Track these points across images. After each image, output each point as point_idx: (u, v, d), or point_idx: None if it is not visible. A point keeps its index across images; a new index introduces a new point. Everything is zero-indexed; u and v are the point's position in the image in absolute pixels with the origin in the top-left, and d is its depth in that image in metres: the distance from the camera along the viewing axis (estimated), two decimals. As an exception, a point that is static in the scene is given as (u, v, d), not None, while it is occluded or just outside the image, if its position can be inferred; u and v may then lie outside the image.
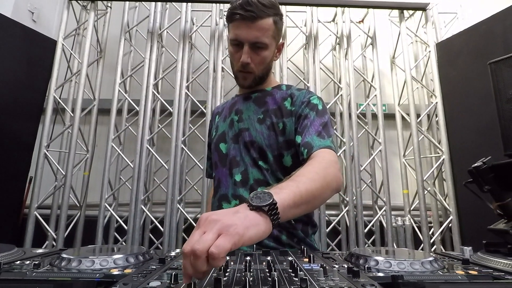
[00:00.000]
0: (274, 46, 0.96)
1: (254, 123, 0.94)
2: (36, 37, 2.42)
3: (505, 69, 1.62)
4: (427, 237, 2.32)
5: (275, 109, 0.95)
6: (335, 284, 0.47)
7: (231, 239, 0.45)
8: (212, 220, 0.48)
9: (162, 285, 0.47)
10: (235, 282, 0.49)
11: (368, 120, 2.87)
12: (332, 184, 0.74)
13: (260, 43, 0.90)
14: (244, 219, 0.50)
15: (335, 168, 0.78)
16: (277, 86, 1.03)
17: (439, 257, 0.75)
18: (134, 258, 0.63)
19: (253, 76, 0.95)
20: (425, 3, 2.65)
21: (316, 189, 0.68)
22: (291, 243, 0.89)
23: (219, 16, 2.74)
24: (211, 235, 0.45)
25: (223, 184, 0.95)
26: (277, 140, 0.91)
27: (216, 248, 0.43)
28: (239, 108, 1.00)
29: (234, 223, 0.48)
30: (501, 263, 0.63)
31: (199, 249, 0.43)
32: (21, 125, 2.28)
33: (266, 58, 0.93)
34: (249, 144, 0.93)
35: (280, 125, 0.92)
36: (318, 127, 0.88)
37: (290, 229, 0.90)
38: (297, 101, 0.95)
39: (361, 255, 0.65)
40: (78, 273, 0.54)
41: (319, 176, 0.71)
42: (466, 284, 0.46)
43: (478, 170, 0.75)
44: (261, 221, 0.52)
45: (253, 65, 0.93)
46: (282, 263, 0.64)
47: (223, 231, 0.46)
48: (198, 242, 0.44)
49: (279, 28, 0.95)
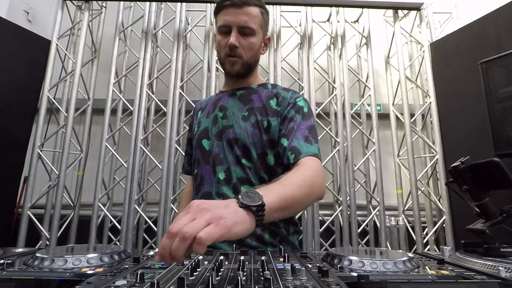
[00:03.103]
0: (261, 36, 0.97)
1: (239, 120, 0.93)
2: (30, 37, 2.42)
3: (496, 69, 1.63)
4: (420, 237, 2.32)
5: (260, 107, 0.95)
6: (301, 284, 0.47)
7: (220, 230, 0.47)
8: (204, 208, 0.49)
9: (128, 284, 0.47)
10: (202, 281, 0.49)
11: (363, 120, 2.86)
12: (315, 193, 0.78)
13: (248, 27, 0.91)
14: (233, 214, 0.52)
15: (320, 177, 0.81)
16: (263, 84, 1.03)
17: (417, 257, 0.75)
18: (108, 258, 0.64)
19: (241, 61, 0.94)
20: (419, 3, 2.64)
21: (301, 196, 0.71)
22: (273, 242, 0.89)
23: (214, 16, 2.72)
24: (202, 222, 0.46)
25: (206, 181, 0.94)
26: (261, 138, 0.91)
27: (205, 235, 0.45)
28: (223, 104, 0.99)
29: (224, 216, 0.49)
30: (475, 262, 0.63)
31: (189, 232, 0.44)
32: (15, 124, 2.28)
33: (254, 44, 0.94)
34: (233, 141, 0.92)
35: (265, 123, 0.92)
36: (305, 131, 0.88)
37: (272, 228, 0.89)
38: (283, 101, 0.95)
39: (336, 255, 0.65)
40: (49, 272, 0.54)
41: (306, 184, 0.74)
42: (428, 283, 0.46)
43: (456, 170, 0.76)
44: (248, 219, 0.54)
45: (241, 50, 0.92)
46: (257, 262, 0.64)
47: (214, 221, 0.47)
48: (188, 226, 0.45)
49: (266, 20, 0.98)
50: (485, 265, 0.61)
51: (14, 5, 2.61)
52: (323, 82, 2.97)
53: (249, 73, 1.00)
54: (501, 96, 1.56)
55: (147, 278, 0.49)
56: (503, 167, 0.68)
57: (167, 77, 2.61)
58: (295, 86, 2.81)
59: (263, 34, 0.98)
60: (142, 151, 2.47)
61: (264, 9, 0.96)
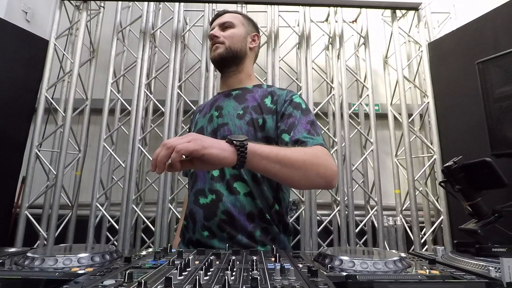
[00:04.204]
0: (244, 30, 1.04)
1: (234, 119, 0.95)
2: (28, 37, 2.42)
3: (493, 69, 1.63)
4: (418, 237, 2.31)
5: (255, 106, 0.96)
6: (289, 283, 0.47)
7: (194, 146, 0.62)
8: (192, 134, 0.65)
9: (116, 283, 0.47)
10: (190, 281, 0.49)
11: (361, 120, 2.86)
12: (319, 169, 0.78)
13: (227, 22, 1.02)
14: (214, 141, 0.66)
15: (326, 160, 0.81)
16: (258, 85, 1.06)
17: (409, 257, 0.75)
18: (99, 257, 0.64)
19: (224, 46, 1.00)
20: (417, 3, 2.64)
21: (296, 160, 0.75)
22: (264, 240, 0.89)
23: (212, 16, 2.73)
24: (185, 139, 0.63)
25: (200, 179, 0.95)
26: (256, 136, 0.92)
27: (181, 146, 0.61)
28: (219, 104, 1.01)
29: (204, 139, 0.64)
30: (466, 262, 0.63)
31: (170, 143, 0.62)
32: (12, 124, 2.28)
33: (234, 33, 1.01)
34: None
35: (260, 121, 0.93)
36: (306, 126, 0.90)
37: (264, 225, 0.90)
38: (279, 99, 0.96)
39: (327, 255, 0.65)
40: (38, 272, 0.54)
41: (306, 155, 0.78)
42: (415, 283, 0.46)
43: (449, 169, 0.75)
44: (227, 148, 0.66)
45: (222, 38, 1.00)
46: (248, 262, 0.64)
47: (192, 140, 0.63)
48: (173, 140, 0.62)
49: (248, 21, 1.07)
50: (476, 265, 0.61)
51: (13, 5, 2.61)
52: (321, 82, 2.97)
53: (236, 62, 1.03)
54: (498, 96, 1.55)
55: (136, 278, 0.49)
56: (495, 167, 0.68)
57: (165, 77, 2.61)
58: (293, 86, 2.81)
59: (246, 29, 1.04)
60: (140, 151, 2.47)
61: (245, 16, 1.08)
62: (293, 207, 2.71)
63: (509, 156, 1.46)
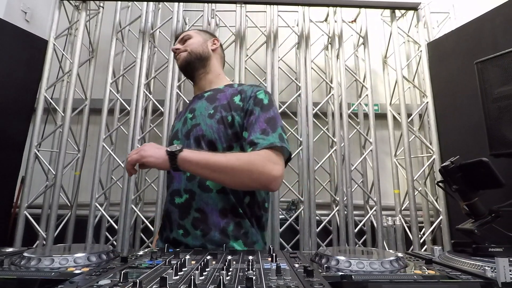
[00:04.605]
0: (201, 38, 1.13)
1: (205, 118, 0.98)
2: (27, 37, 2.42)
3: (491, 69, 1.63)
4: (417, 237, 2.31)
5: (225, 104, 1.00)
6: (284, 283, 0.47)
7: (137, 157, 0.85)
8: (141, 147, 0.87)
9: (111, 283, 0.47)
10: (185, 281, 0.49)
11: (360, 119, 2.86)
12: (251, 175, 0.85)
13: (185, 35, 1.13)
14: (154, 152, 0.85)
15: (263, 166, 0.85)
16: (230, 84, 1.10)
17: (406, 257, 0.75)
18: (96, 257, 0.64)
19: (186, 52, 1.09)
20: (416, 3, 2.64)
21: (225, 166, 0.84)
22: (237, 234, 0.90)
23: (211, 16, 2.74)
24: (134, 153, 0.86)
25: (176, 179, 0.99)
26: (226, 133, 0.95)
27: (129, 157, 0.86)
28: (193, 107, 1.06)
29: (147, 150, 0.85)
30: (463, 262, 0.63)
31: (128, 159, 0.87)
32: (12, 124, 2.28)
33: (193, 41, 1.11)
34: (199, 138, 0.97)
35: (229, 118, 0.96)
36: (263, 124, 0.92)
37: (237, 219, 0.92)
38: (246, 96, 0.99)
39: (324, 255, 0.66)
40: (34, 272, 0.54)
41: (238, 161, 0.85)
42: (410, 283, 0.46)
43: (446, 169, 0.76)
44: (161, 157, 0.84)
45: (182, 48, 1.10)
46: (245, 262, 0.64)
47: (138, 152, 0.86)
48: (130, 155, 0.86)
49: (204, 32, 1.18)
50: (472, 265, 0.61)
51: (12, 5, 2.61)
52: (320, 82, 2.97)
53: (202, 65, 1.10)
54: (497, 96, 1.55)
55: (131, 277, 0.49)
56: (492, 167, 0.68)
57: (164, 77, 2.61)
58: (293, 86, 2.81)
59: (203, 37, 1.14)
60: (139, 151, 2.46)
61: (200, 30, 1.21)
62: (292, 207, 2.71)
63: (507, 156, 1.46)
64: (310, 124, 2.45)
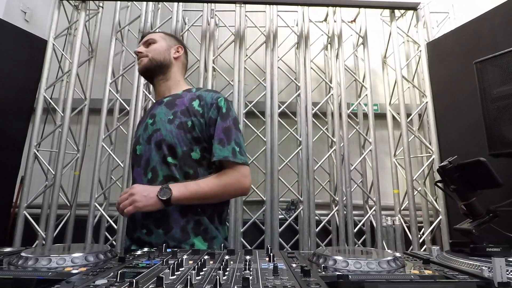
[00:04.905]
0: (166, 44, 1.15)
1: (165, 124, 1.03)
2: (27, 37, 2.42)
3: (490, 69, 1.62)
4: (416, 237, 2.31)
5: (184, 110, 1.04)
6: (281, 283, 0.47)
7: (133, 209, 0.91)
8: (132, 193, 0.93)
9: (108, 283, 0.47)
10: (182, 280, 0.49)
11: (360, 119, 2.86)
12: (230, 193, 1.02)
13: (150, 39, 1.14)
14: (147, 200, 0.92)
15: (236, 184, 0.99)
16: (188, 90, 1.14)
17: (404, 256, 0.75)
18: (93, 257, 0.64)
19: (147, 58, 1.11)
20: (416, 3, 2.64)
21: (210, 194, 0.96)
22: (197, 231, 0.98)
23: (211, 16, 2.74)
24: (127, 202, 0.92)
25: (138, 182, 1.03)
26: (186, 137, 1.01)
27: (126, 211, 0.92)
28: (153, 112, 1.10)
29: (140, 201, 0.91)
30: (460, 262, 0.63)
31: (120, 208, 0.94)
32: (11, 124, 2.28)
33: (155, 47, 1.13)
34: (159, 142, 1.01)
35: (189, 123, 1.01)
36: (220, 134, 1.00)
37: (197, 217, 0.99)
38: (206, 103, 1.04)
39: (322, 255, 0.66)
40: (32, 272, 0.54)
41: (218, 187, 0.98)
42: (406, 283, 0.46)
43: (444, 169, 0.76)
44: (155, 203, 0.92)
45: (145, 52, 1.12)
46: (242, 262, 0.64)
47: (133, 203, 0.92)
48: (122, 204, 0.93)
49: (170, 37, 1.19)
50: (470, 265, 0.61)
51: (11, 5, 2.61)
52: (320, 82, 2.97)
53: (162, 72, 1.13)
54: (496, 95, 1.55)
55: (128, 277, 0.49)
56: (489, 166, 0.68)
57: (163, 77, 2.60)
58: (292, 85, 2.81)
59: (167, 43, 1.16)
60: (139, 151, 2.46)
61: (167, 33, 1.21)
62: (291, 207, 2.71)
63: (507, 156, 1.46)
64: (310, 124, 2.45)
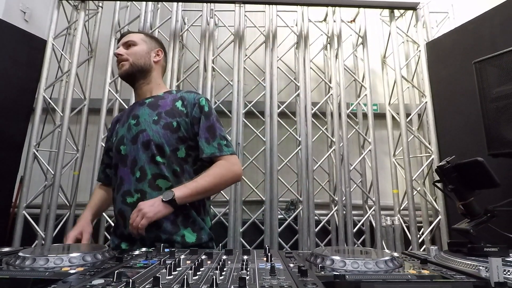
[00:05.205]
0: (146, 47, 1.15)
1: (150, 125, 1.06)
2: (26, 37, 2.42)
3: (490, 69, 1.62)
4: (416, 237, 2.31)
5: (168, 110, 1.08)
6: (277, 283, 0.47)
7: (146, 221, 0.93)
8: (140, 209, 0.94)
9: (104, 283, 0.47)
10: (179, 280, 0.49)
11: (359, 119, 2.86)
12: (226, 182, 1.07)
13: (130, 41, 1.14)
14: (155, 208, 0.94)
15: (228, 172, 1.06)
16: (169, 91, 1.18)
17: (402, 256, 0.75)
18: (91, 257, 0.64)
19: (128, 63, 1.12)
20: (415, 3, 2.64)
21: (209, 187, 1.02)
22: (186, 224, 1.03)
23: (210, 16, 2.74)
24: (139, 218, 0.93)
25: (125, 181, 1.05)
26: (172, 137, 1.05)
27: (141, 225, 0.93)
28: (135, 113, 1.12)
29: (149, 211, 0.93)
30: (458, 262, 0.63)
31: (133, 225, 0.94)
32: (10, 124, 2.28)
33: (136, 50, 1.13)
34: (146, 143, 1.04)
35: (174, 124, 1.06)
36: (205, 133, 1.06)
37: (185, 212, 1.03)
38: (188, 103, 1.09)
39: (319, 255, 0.66)
40: (29, 272, 0.54)
41: (215, 179, 1.03)
42: (402, 283, 0.46)
43: (442, 169, 0.76)
44: (164, 208, 0.95)
45: (126, 56, 1.12)
46: (240, 262, 0.64)
47: (144, 216, 0.93)
48: (135, 222, 0.93)
49: (150, 39, 1.19)
50: (467, 265, 0.61)
51: (11, 5, 2.61)
52: (319, 81, 2.97)
53: (143, 76, 1.14)
54: (495, 95, 1.55)
55: (124, 277, 0.49)
56: (487, 166, 0.68)
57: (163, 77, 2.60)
58: (292, 85, 2.81)
59: (148, 46, 1.16)
60: (138, 150, 2.46)
61: (147, 34, 1.21)
62: (291, 207, 2.71)
63: (505, 156, 1.46)
64: (309, 124, 2.45)
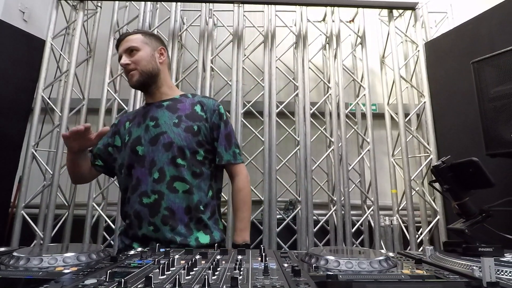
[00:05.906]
0: (149, 49, 1.14)
1: (171, 127, 1.09)
2: (25, 37, 2.42)
3: (488, 69, 1.62)
4: (414, 237, 2.31)
5: (188, 114, 1.11)
6: (270, 283, 0.47)
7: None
8: None
9: (97, 283, 0.47)
10: (171, 280, 0.49)
11: (358, 119, 2.86)
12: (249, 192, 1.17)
13: (132, 46, 1.12)
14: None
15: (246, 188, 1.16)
16: (184, 95, 1.20)
17: (397, 256, 0.75)
18: (85, 257, 0.64)
19: (137, 72, 1.11)
20: (414, 3, 2.64)
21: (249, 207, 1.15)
22: (198, 227, 1.06)
23: (209, 15, 2.74)
24: None
25: (143, 182, 1.05)
26: (192, 140, 1.08)
27: None
28: (153, 115, 1.12)
29: None
30: (452, 262, 0.63)
31: None
32: (9, 124, 2.28)
33: (141, 56, 1.11)
34: (168, 145, 1.06)
35: (195, 127, 1.09)
36: (223, 139, 1.12)
37: (198, 215, 1.06)
38: (208, 109, 1.14)
39: (314, 254, 0.66)
40: (22, 271, 0.54)
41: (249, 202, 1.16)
42: (394, 283, 0.46)
43: (437, 169, 0.76)
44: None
45: (133, 65, 1.10)
46: (234, 261, 0.64)
47: None
48: None
49: (150, 38, 1.17)
50: (461, 265, 0.61)
51: (9, 5, 2.61)
52: (318, 81, 2.96)
53: (153, 81, 1.14)
54: (493, 95, 1.55)
55: (118, 277, 0.49)
56: (482, 166, 0.68)
57: (162, 76, 2.60)
58: (290, 85, 2.81)
59: (150, 47, 1.15)
60: (137, 150, 2.46)
61: (145, 32, 1.19)
62: (289, 207, 2.71)
63: (504, 156, 1.46)
64: (308, 124, 2.45)
